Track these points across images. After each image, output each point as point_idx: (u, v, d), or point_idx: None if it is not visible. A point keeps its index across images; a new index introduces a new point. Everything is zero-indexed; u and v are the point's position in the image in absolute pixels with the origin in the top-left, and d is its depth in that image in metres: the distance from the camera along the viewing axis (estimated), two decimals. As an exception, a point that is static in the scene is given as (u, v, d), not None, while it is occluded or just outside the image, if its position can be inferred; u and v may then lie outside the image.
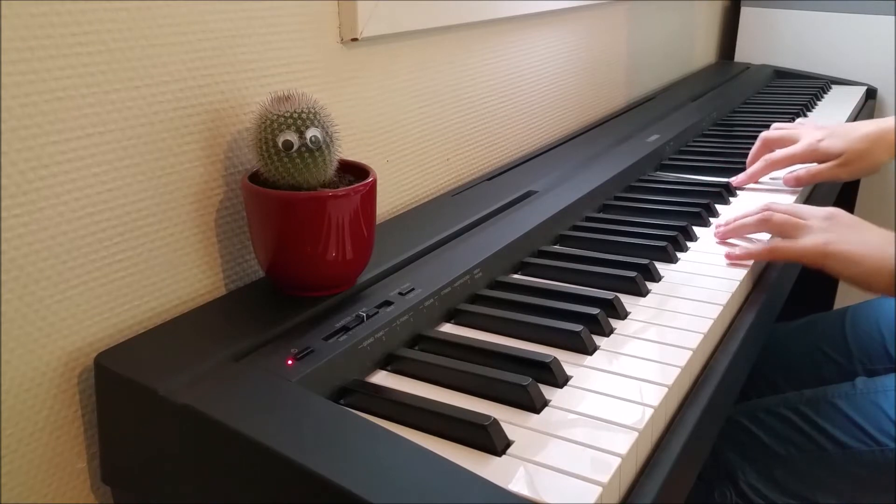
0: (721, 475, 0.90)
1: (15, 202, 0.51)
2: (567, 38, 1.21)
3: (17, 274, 0.52)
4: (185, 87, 0.61)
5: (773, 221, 0.79)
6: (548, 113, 1.19)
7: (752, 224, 0.81)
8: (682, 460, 0.52)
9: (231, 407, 0.48)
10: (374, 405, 0.53)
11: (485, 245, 0.73)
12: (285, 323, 0.58)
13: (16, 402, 0.53)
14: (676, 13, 1.67)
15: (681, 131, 1.19)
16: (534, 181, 0.93)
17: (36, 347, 0.54)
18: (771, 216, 0.79)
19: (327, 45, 0.74)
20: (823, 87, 1.64)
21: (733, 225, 0.82)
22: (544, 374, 0.56)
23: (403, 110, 0.86)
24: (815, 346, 1.08)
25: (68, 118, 0.53)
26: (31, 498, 0.56)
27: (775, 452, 0.88)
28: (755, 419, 0.91)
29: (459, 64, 0.94)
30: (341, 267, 0.62)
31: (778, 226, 0.79)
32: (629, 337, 0.63)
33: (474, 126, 1.00)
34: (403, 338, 0.60)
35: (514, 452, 0.48)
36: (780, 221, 0.78)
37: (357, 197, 0.60)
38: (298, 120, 0.59)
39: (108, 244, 0.58)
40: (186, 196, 0.63)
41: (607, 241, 0.81)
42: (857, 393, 0.88)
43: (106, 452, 0.56)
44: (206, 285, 0.66)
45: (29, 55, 0.50)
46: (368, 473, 0.43)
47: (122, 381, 0.52)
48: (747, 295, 0.75)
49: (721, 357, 0.64)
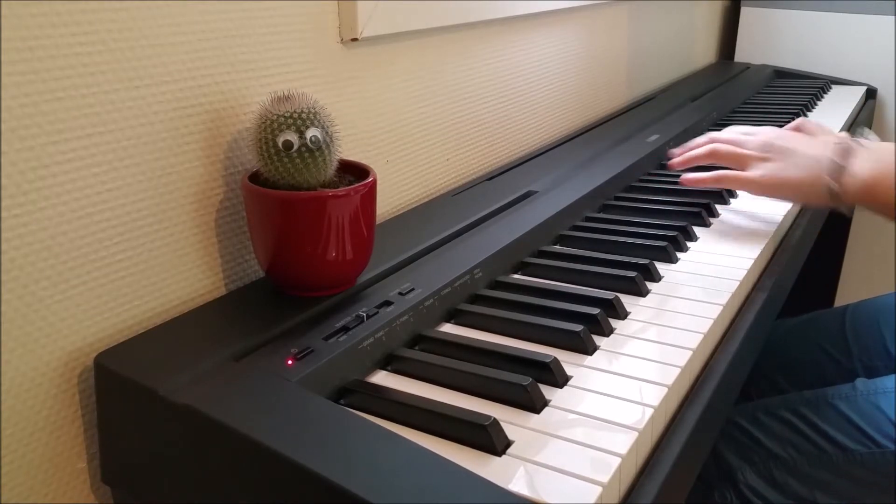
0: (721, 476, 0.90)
1: (15, 202, 0.51)
2: (567, 38, 1.21)
3: (17, 274, 0.52)
4: (185, 87, 0.61)
5: (719, 153, 0.88)
6: (548, 113, 1.19)
7: (702, 155, 0.90)
8: (682, 460, 0.52)
9: (231, 407, 0.48)
10: (374, 405, 0.53)
11: (485, 245, 0.73)
12: (285, 323, 0.58)
13: (16, 402, 0.53)
14: (676, 13, 1.67)
15: (681, 131, 1.19)
16: (534, 181, 0.93)
17: (36, 347, 0.54)
18: (717, 149, 0.89)
19: (327, 45, 0.74)
20: (823, 87, 1.64)
21: (685, 156, 0.92)
22: (544, 374, 0.56)
23: (403, 110, 0.86)
24: (816, 344, 1.09)
25: (68, 118, 0.53)
26: (31, 498, 0.56)
27: (775, 454, 0.88)
28: (755, 420, 0.91)
29: (459, 64, 0.94)
30: (341, 267, 0.61)
31: (724, 158, 0.88)
32: (629, 337, 0.63)
33: (474, 126, 1.00)
34: (403, 338, 0.60)
35: (514, 452, 0.48)
36: (725, 153, 0.88)
37: (357, 197, 0.60)
38: (298, 120, 0.59)
39: (108, 244, 0.58)
40: (186, 196, 0.63)
41: (607, 241, 0.81)
42: (857, 394, 0.88)
43: (106, 452, 0.56)
44: (206, 285, 0.66)
45: (29, 55, 0.50)
46: (368, 473, 0.43)
47: (122, 381, 0.52)
48: (747, 295, 0.75)
49: (721, 357, 0.64)
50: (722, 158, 0.88)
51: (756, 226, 0.87)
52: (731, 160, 0.87)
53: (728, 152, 0.87)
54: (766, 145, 0.85)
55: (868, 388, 0.89)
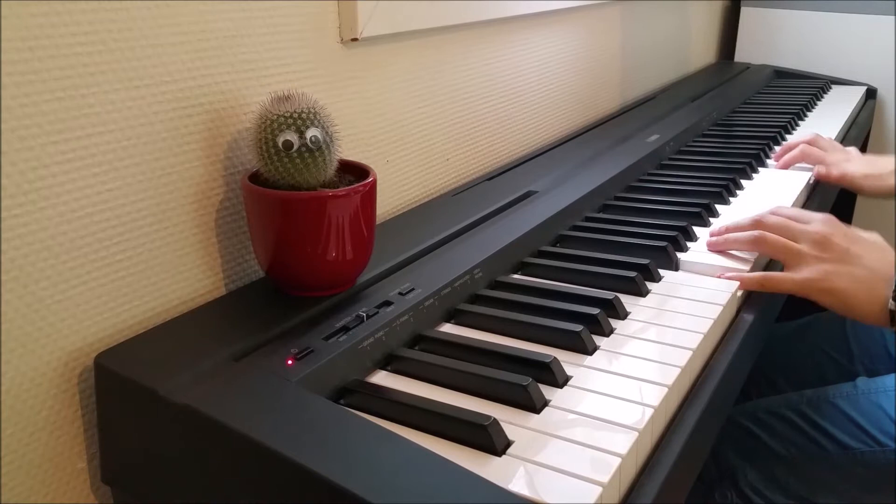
0: (722, 475, 0.90)
1: (15, 202, 0.51)
2: (567, 38, 1.21)
3: (17, 274, 0.52)
4: (185, 87, 0.61)
5: (766, 244, 0.76)
6: (548, 113, 1.19)
7: (745, 242, 0.78)
8: (682, 460, 0.52)
9: (231, 407, 0.48)
10: (374, 405, 0.53)
11: (485, 245, 0.73)
12: (285, 323, 0.58)
13: (16, 402, 0.53)
14: (676, 13, 1.67)
15: (681, 131, 1.19)
16: (534, 181, 0.93)
17: (36, 347, 0.54)
18: (764, 238, 0.76)
19: (327, 45, 0.74)
20: (823, 87, 1.64)
21: (724, 238, 0.79)
22: (544, 374, 0.56)
23: (403, 110, 0.86)
24: (817, 346, 1.08)
25: (68, 118, 0.53)
26: (31, 498, 0.56)
27: (776, 453, 0.88)
28: (756, 419, 0.91)
29: (459, 64, 0.94)
30: (341, 267, 0.61)
31: (771, 249, 0.76)
32: (629, 337, 0.63)
33: (474, 126, 1.00)
34: (403, 338, 0.60)
35: (514, 452, 0.48)
36: (773, 245, 0.76)
37: (357, 197, 0.60)
38: (298, 120, 0.59)
39: (108, 244, 0.58)
40: (186, 196, 0.63)
41: (607, 241, 0.81)
42: (858, 393, 0.88)
43: (106, 452, 0.56)
44: (206, 285, 0.66)
45: (29, 55, 0.50)
46: (368, 473, 0.43)
47: (122, 381, 0.52)
48: (747, 295, 0.75)
49: (721, 357, 0.64)
50: (769, 249, 0.76)
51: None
52: (779, 254, 0.76)
53: (777, 245, 0.76)
54: (822, 242, 0.74)
55: (869, 387, 0.89)
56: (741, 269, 0.75)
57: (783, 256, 0.75)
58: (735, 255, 0.78)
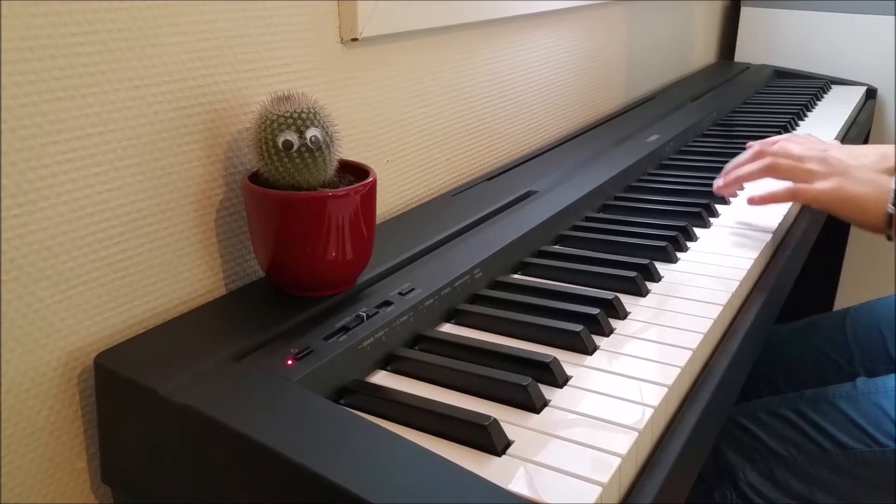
0: (721, 475, 0.90)
1: (15, 202, 0.51)
2: (567, 38, 1.21)
3: (17, 274, 0.52)
4: (185, 87, 0.61)
5: (779, 169, 0.84)
6: (548, 113, 1.19)
7: (757, 171, 0.85)
8: (682, 460, 0.52)
9: (231, 407, 0.48)
10: (374, 405, 0.53)
11: (485, 245, 0.73)
12: (285, 323, 0.58)
13: (16, 402, 0.53)
14: (676, 13, 1.67)
15: (681, 131, 1.19)
16: (534, 181, 0.93)
17: (36, 347, 0.54)
18: (777, 163, 0.84)
19: (327, 45, 0.74)
20: (823, 87, 1.64)
21: (734, 174, 0.87)
22: (544, 374, 0.56)
23: (403, 110, 0.86)
24: (816, 347, 1.08)
25: (68, 118, 0.53)
26: (31, 498, 0.56)
27: (776, 452, 0.88)
28: (756, 419, 0.91)
29: (459, 64, 0.94)
30: (341, 267, 0.61)
31: (784, 173, 0.84)
32: (629, 337, 0.63)
33: (474, 126, 1.00)
34: (403, 338, 0.60)
35: (514, 452, 0.48)
36: (786, 168, 0.83)
37: (357, 197, 0.60)
38: (298, 120, 0.59)
39: (108, 244, 0.58)
40: (186, 196, 0.63)
41: (607, 241, 0.81)
42: (858, 393, 0.88)
43: (106, 452, 0.56)
44: (206, 285, 0.66)
45: (29, 55, 0.50)
46: (368, 473, 0.43)
47: (122, 381, 0.52)
48: (747, 295, 0.75)
49: (721, 357, 0.64)
50: (783, 173, 0.84)
51: (756, 226, 0.87)
52: (793, 175, 0.83)
53: (791, 166, 0.83)
54: (825, 160, 0.82)
55: (869, 387, 0.89)
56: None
57: (796, 177, 0.83)
58: (733, 253, 0.78)
